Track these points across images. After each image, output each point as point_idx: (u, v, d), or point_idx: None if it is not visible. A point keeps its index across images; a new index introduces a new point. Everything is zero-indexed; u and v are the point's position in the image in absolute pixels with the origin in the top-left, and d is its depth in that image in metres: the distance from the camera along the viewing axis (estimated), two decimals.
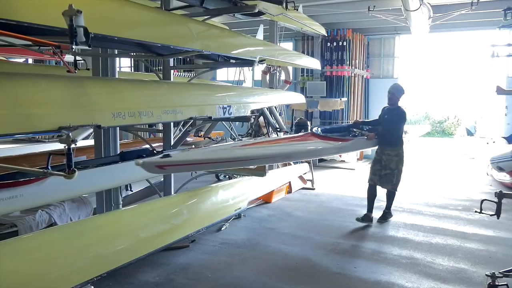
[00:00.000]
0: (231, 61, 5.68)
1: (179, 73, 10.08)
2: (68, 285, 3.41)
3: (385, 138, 6.36)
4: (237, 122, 7.96)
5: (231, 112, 5.18)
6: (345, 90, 12.14)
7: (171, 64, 5.80)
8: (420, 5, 7.77)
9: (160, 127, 7.86)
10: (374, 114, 12.81)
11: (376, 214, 6.54)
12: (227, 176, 7.68)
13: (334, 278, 4.53)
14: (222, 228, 5.99)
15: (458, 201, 7.77)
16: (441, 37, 15.23)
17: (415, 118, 23.14)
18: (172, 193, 5.74)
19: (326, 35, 11.62)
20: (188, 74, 10.41)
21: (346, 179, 9.98)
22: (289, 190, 8.31)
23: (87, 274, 3.58)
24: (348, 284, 4.42)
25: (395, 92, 6.50)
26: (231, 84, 9.07)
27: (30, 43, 4.18)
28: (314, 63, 9.12)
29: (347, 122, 11.29)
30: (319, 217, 6.79)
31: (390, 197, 6.56)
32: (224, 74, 13.56)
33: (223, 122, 7.22)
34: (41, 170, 2.78)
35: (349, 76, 12.16)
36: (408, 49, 13.15)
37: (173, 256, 4.97)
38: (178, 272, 4.60)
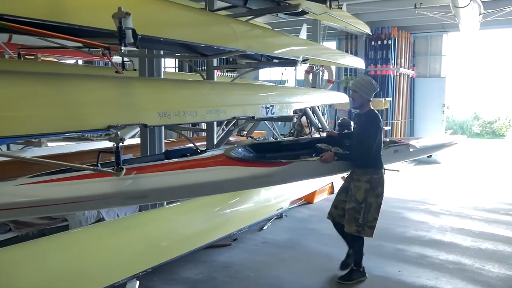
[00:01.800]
0: (274, 60, 5.68)
1: (222, 73, 10.19)
2: (114, 279, 3.54)
3: (352, 157, 4.41)
4: (279, 122, 7.96)
5: (273, 112, 5.18)
6: (390, 89, 11.88)
7: (215, 64, 5.87)
8: (470, 1, 7.49)
9: (204, 126, 7.98)
10: (421, 114, 12.51)
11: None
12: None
13: (376, 282, 4.45)
14: (264, 228, 6.00)
15: (509, 206, 7.44)
16: (492, 34, 14.63)
17: (462, 119, 22.36)
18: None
19: (371, 33, 11.41)
20: (230, 74, 10.51)
21: (389, 180, 9.73)
22: (332, 191, 8.21)
23: (133, 269, 3.71)
24: None
25: (358, 90, 4.31)
26: (274, 84, 9.07)
27: (80, 45, 4.35)
28: (358, 62, 8.97)
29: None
30: None
31: (356, 245, 4.49)
32: (266, 74, 13.59)
33: (265, 121, 7.24)
34: (91, 167, 2.88)
35: (394, 75, 11.90)
36: (456, 47, 12.73)
37: (216, 254, 5.03)
38: (220, 270, 4.65)
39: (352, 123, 7.74)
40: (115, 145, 2.83)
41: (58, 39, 3.91)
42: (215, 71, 5.88)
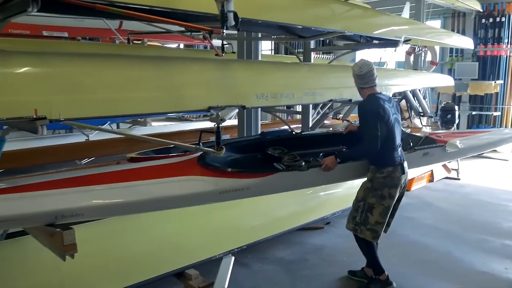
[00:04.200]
0: (374, 41, 5.48)
1: (318, 55, 10.06)
2: (212, 253, 3.73)
3: (356, 155, 3.78)
4: None
5: None
6: (502, 71, 10.87)
7: (312, 46, 5.80)
8: None
9: (299, 108, 7.98)
10: None
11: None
12: None
13: (480, 278, 4.17)
14: None
15: None
16: None
17: None
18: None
19: (481, 10, 10.50)
20: (327, 57, 10.34)
21: (497, 170, 9.00)
22: (431, 179, 7.80)
23: (229, 245, 3.87)
24: (496, 286, 4.03)
25: (353, 76, 3.80)
26: None
27: (183, 29, 4.54)
28: (465, 42, 8.33)
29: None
30: (463, 210, 6.26)
31: (362, 248, 3.96)
32: (364, 55, 13.16)
33: None
34: (193, 146, 3.03)
35: (507, 56, 10.86)
36: None
37: (308, 237, 5.05)
38: (312, 252, 4.66)
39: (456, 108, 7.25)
40: (215, 125, 2.94)
41: (165, 24, 4.12)
42: (312, 53, 5.81)
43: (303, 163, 3.41)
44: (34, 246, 2.74)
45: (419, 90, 7.66)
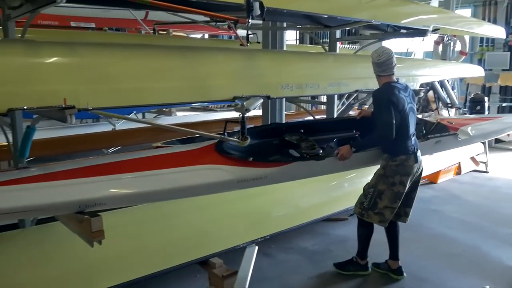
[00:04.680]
0: (402, 31, 5.37)
1: (344, 45, 9.94)
2: (236, 242, 3.76)
3: (371, 143, 3.80)
4: None
5: None
6: None
7: (337, 35, 5.73)
8: None
9: (323, 99, 7.91)
10: None
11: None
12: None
13: (507, 273, 4.08)
14: None
15: None
16: None
17: None
18: None
19: None
20: (352, 46, 10.20)
21: None
22: (458, 172, 7.65)
23: (253, 235, 3.89)
24: None
25: (372, 63, 3.76)
26: (399, 56, 8.61)
27: (209, 19, 4.55)
28: (496, 32, 8.08)
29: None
30: (492, 203, 6.12)
31: (359, 231, 4.06)
32: (390, 45, 12.93)
33: None
34: (218, 135, 3.04)
35: None
36: None
37: (332, 228, 5.03)
38: (336, 243, 4.65)
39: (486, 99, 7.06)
40: (240, 115, 2.94)
41: (190, 14, 4.13)
42: (338, 43, 5.74)
43: (321, 151, 3.44)
44: (63, 232, 2.81)
45: (448, 80, 7.49)
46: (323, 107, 7.34)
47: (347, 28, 6.73)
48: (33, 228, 3.28)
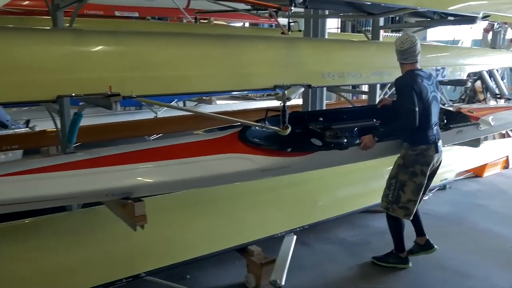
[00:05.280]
0: (449, 18, 5.17)
1: (387, 33, 9.68)
2: (274, 231, 3.78)
3: (393, 131, 3.70)
4: (448, 86, 7.32)
5: (444, 75, 4.77)
6: None
7: (381, 23, 5.59)
8: None
9: (364, 88, 7.76)
10: None
11: None
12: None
13: None
14: (425, 198, 5.65)
15: None
16: None
17: None
18: None
19: None
20: (396, 35, 9.91)
21: None
22: (506, 165, 7.34)
23: (291, 224, 3.89)
24: None
25: (395, 52, 3.70)
26: (445, 44, 8.31)
27: (250, 7, 4.53)
28: None
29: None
30: None
31: (390, 225, 3.97)
32: (435, 34, 12.48)
33: None
34: (259, 124, 3.04)
35: None
36: None
37: (372, 219, 4.95)
38: (376, 235, 4.58)
39: None
40: (281, 103, 2.93)
41: (231, 2, 4.13)
42: (381, 31, 5.59)
43: (345, 141, 3.44)
44: (108, 215, 2.90)
45: (497, 70, 7.17)
46: (364, 96, 7.19)
47: (391, 16, 6.56)
48: (79, 211, 3.40)
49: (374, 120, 4.13)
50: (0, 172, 2.28)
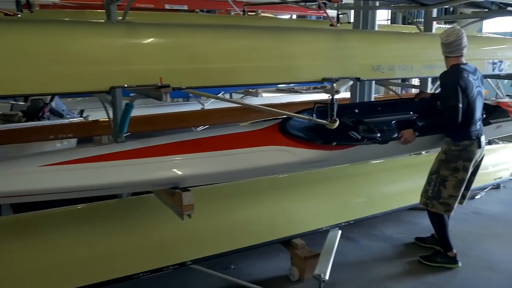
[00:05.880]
0: (508, 8, 4.92)
1: (440, 25, 9.34)
2: (320, 225, 3.77)
3: (434, 126, 3.70)
4: (505, 81, 6.99)
5: (502, 69, 4.56)
6: None
7: (434, 14, 5.39)
8: None
9: (415, 82, 7.54)
10: None
11: None
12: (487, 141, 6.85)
13: None
14: (476, 197, 5.47)
15: None
16: None
17: None
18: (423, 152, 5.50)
19: None
20: (449, 26, 9.54)
21: None
22: None
23: (337, 218, 3.86)
24: None
25: (441, 45, 3.58)
26: (503, 36, 7.93)
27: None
28: None
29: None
30: None
31: (433, 223, 3.89)
32: (492, 25, 11.92)
33: (489, 79, 6.44)
34: (307, 117, 3.02)
35: None
36: None
37: (420, 217, 4.81)
38: (423, 233, 4.43)
39: None
40: (330, 96, 2.90)
41: None
42: (434, 22, 5.40)
43: (379, 135, 3.41)
44: (156, 204, 2.98)
45: None
46: (414, 90, 6.99)
47: (445, 7, 6.32)
48: (129, 198, 3.52)
49: (411, 113, 4.03)
50: (57, 160, 2.38)
